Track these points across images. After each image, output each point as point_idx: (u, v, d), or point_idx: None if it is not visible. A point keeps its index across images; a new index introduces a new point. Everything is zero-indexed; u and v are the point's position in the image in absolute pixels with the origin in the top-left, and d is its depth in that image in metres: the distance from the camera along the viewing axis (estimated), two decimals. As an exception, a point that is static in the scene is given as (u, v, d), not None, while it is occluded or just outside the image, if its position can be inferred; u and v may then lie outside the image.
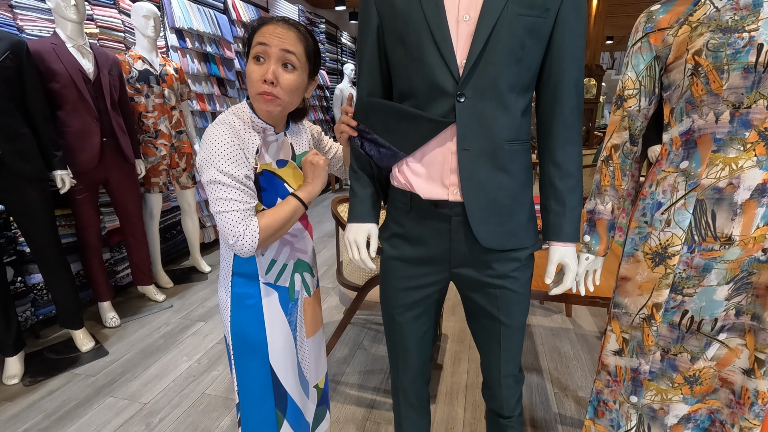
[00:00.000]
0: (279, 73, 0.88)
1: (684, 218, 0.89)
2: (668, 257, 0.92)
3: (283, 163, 1.00)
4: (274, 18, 0.91)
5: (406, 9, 0.83)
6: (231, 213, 0.88)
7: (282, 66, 0.89)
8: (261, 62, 0.88)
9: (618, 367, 1.06)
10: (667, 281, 0.93)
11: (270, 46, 0.87)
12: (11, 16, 2.06)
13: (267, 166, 0.96)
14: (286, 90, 0.90)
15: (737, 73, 0.80)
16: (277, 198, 0.98)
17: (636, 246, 0.98)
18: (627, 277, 1.01)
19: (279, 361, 1.04)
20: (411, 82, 0.86)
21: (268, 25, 0.89)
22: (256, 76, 0.88)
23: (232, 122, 0.91)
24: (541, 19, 0.79)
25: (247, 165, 0.91)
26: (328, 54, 6.08)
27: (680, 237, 0.90)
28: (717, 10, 0.83)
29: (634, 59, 0.96)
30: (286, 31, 0.88)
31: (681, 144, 0.91)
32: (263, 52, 0.87)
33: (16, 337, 1.89)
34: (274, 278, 1.03)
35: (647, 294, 0.96)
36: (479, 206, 0.86)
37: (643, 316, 0.97)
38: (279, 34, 0.87)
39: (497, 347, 0.98)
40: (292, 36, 0.88)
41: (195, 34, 3.32)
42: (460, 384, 1.88)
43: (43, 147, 1.88)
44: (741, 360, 0.91)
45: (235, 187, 0.88)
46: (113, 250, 2.63)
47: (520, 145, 0.86)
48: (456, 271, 0.94)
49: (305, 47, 0.91)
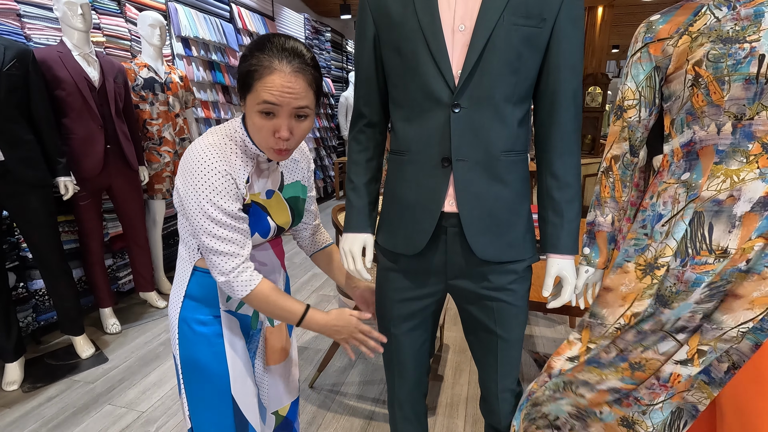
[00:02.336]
0: (293, 126, 0.80)
1: (680, 229, 0.87)
2: (656, 267, 0.90)
3: (270, 193, 0.92)
4: (278, 56, 0.76)
5: (401, 19, 0.82)
6: (227, 258, 0.82)
7: (295, 117, 0.80)
8: (270, 117, 0.78)
9: (562, 370, 1.02)
10: (651, 291, 0.90)
11: (281, 106, 0.77)
12: (19, 25, 2.10)
13: (256, 197, 0.89)
14: (299, 138, 0.83)
15: (738, 84, 0.78)
16: (255, 232, 0.89)
17: (629, 257, 0.95)
18: (610, 288, 0.97)
19: (239, 391, 0.95)
20: (406, 92, 0.85)
21: (274, 74, 0.75)
22: (267, 131, 0.79)
23: (224, 146, 0.82)
24: (537, 29, 0.79)
25: (239, 198, 0.83)
26: (333, 62, 6.12)
27: (672, 248, 0.88)
28: (717, 20, 0.82)
29: (634, 69, 0.94)
30: (295, 82, 0.76)
31: (682, 155, 0.90)
32: (272, 110, 0.77)
33: (17, 342, 1.89)
34: (236, 306, 0.95)
35: (628, 304, 0.94)
36: (475, 217, 0.84)
37: (618, 326, 0.94)
38: (289, 90, 0.76)
39: (494, 361, 0.96)
40: (302, 86, 0.77)
41: (201, 42, 3.36)
42: (460, 396, 1.85)
43: (47, 153, 1.89)
44: (678, 354, 0.90)
45: (231, 226, 0.82)
46: (116, 256, 2.64)
47: (517, 156, 0.85)
48: (452, 283, 0.93)
49: (315, 92, 0.81)
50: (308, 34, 5.29)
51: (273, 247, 1.01)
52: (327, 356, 1.90)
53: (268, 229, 0.92)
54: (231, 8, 3.82)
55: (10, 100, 1.72)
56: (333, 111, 6.15)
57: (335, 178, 5.93)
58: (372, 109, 0.96)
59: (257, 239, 0.92)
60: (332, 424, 1.68)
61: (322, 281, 3.14)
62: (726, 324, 0.84)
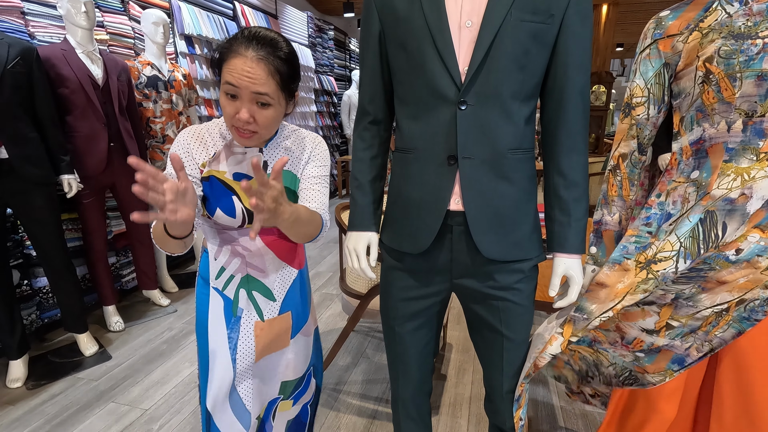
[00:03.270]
0: (254, 110, 0.83)
1: (683, 225, 0.86)
2: (654, 262, 0.87)
3: (243, 177, 0.93)
4: (242, 42, 0.81)
5: (407, 15, 0.81)
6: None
7: (256, 103, 0.83)
8: (233, 99, 0.82)
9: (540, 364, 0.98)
10: (646, 286, 0.87)
11: (240, 88, 0.80)
12: (23, 22, 2.10)
13: (218, 173, 0.92)
14: (263, 125, 0.85)
15: (750, 81, 0.77)
16: (217, 207, 0.92)
17: (628, 254, 0.92)
18: (605, 284, 0.94)
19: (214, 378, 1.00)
20: (412, 89, 0.84)
21: (237, 58, 0.80)
22: (230, 111, 0.83)
23: (205, 124, 0.94)
24: (545, 26, 0.78)
25: (187, 163, 0.90)
26: (336, 60, 6.11)
27: (672, 243, 0.86)
28: (729, 16, 0.80)
29: (643, 66, 0.93)
30: (255, 68, 0.79)
31: (691, 153, 0.88)
32: (233, 91, 0.81)
33: (21, 340, 1.89)
34: (221, 285, 1.01)
35: (619, 298, 0.90)
36: (481, 216, 0.83)
37: (606, 318, 0.90)
38: (248, 74, 0.79)
39: (499, 361, 0.95)
40: (262, 74, 0.80)
41: (204, 40, 3.35)
42: (464, 395, 1.85)
43: (50, 151, 1.89)
44: (646, 322, 0.91)
45: None
46: (119, 254, 2.64)
47: (524, 154, 0.84)
48: (457, 282, 0.92)
49: (278, 82, 0.83)
50: (311, 32, 5.28)
51: (261, 235, 0.98)
52: (330, 355, 1.89)
53: (233, 208, 0.92)
54: (234, 6, 3.81)
55: (13, 98, 1.72)
56: (336, 109, 6.14)
57: (338, 177, 5.92)
58: (377, 106, 0.95)
59: (224, 218, 0.93)
60: (335, 423, 1.67)
61: (325, 280, 3.14)
62: (702, 303, 0.84)
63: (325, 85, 5.62)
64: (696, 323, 0.85)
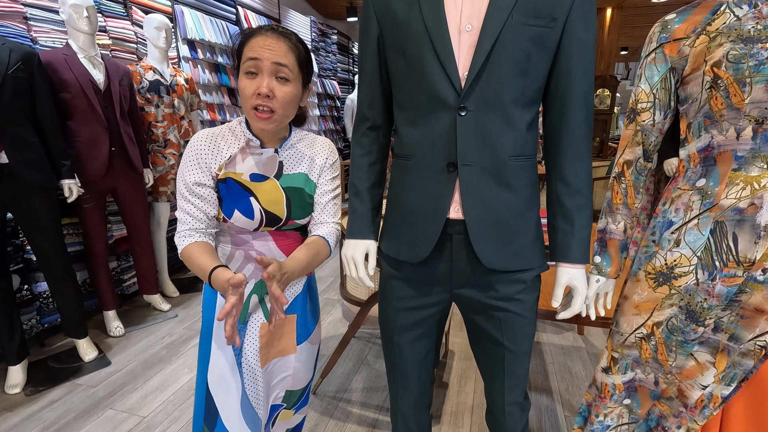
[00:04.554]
0: (273, 86, 0.86)
1: (696, 239, 0.83)
2: (674, 278, 0.86)
3: (259, 177, 0.94)
4: (263, 28, 0.88)
5: (406, 19, 0.80)
6: (180, 222, 0.92)
7: (276, 79, 0.86)
8: (253, 77, 0.85)
9: (604, 384, 1.02)
10: (671, 301, 0.88)
11: (261, 59, 0.84)
12: (25, 27, 2.10)
13: (234, 175, 0.93)
14: (282, 103, 0.87)
15: (761, 86, 0.74)
16: (234, 209, 0.92)
17: (640, 265, 0.94)
18: (626, 296, 0.98)
19: (215, 379, 0.99)
20: (411, 94, 0.83)
21: (257, 36, 0.85)
22: (250, 90, 0.85)
23: (217, 128, 0.95)
24: (547, 29, 0.75)
25: (201, 171, 0.91)
26: (339, 65, 6.12)
27: (689, 258, 0.84)
28: (738, 19, 0.78)
29: (648, 71, 0.91)
30: (276, 42, 0.85)
31: (699, 161, 0.86)
32: (255, 66, 0.85)
33: (20, 345, 1.88)
34: None
35: (646, 314, 0.91)
36: (481, 224, 0.81)
37: (641, 335, 0.93)
38: (269, 46, 0.84)
39: (501, 373, 0.93)
40: (282, 47, 0.86)
41: (206, 44, 3.36)
42: (466, 404, 1.82)
43: (51, 156, 1.89)
44: (705, 377, 0.87)
45: (185, 196, 0.91)
46: (120, 258, 2.63)
47: (526, 161, 0.82)
48: (457, 292, 0.90)
49: (297, 56, 0.88)
50: (314, 36, 5.28)
51: (275, 239, 0.98)
52: (330, 362, 1.87)
53: (251, 210, 0.92)
54: (237, 11, 3.82)
55: (15, 103, 1.71)
56: (339, 113, 6.14)
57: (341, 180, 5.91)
58: (376, 111, 0.93)
59: (242, 220, 0.92)
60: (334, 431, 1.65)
61: (326, 285, 3.12)
62: (745, 338, 0.81)
63: (328, 89, 5.62)
64: (746, 360, 0.81)
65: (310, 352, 1.11)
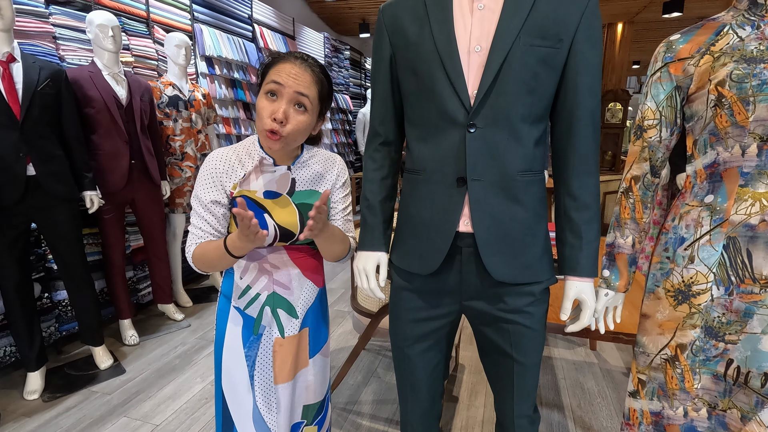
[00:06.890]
0: (290, 113, 0.87)
1: (710, 255, 0.84)
2: (693, 296, 0.87)
3: (273, 194, 0.96)
4: (293, 54, 0.89)
5: (418, 40, 0.83)
6: (191, 235, 0.95)
7: (294, 106, 0.88)
8: (273, 99, 0.87)
9: (632, 410, 1.00)
10: (692, 321, 0.87)
11: (284, 86, 0.86)
12: (54, 46, 2.20)
13: (249, 192, 0.95)
14: (294, 130, 0.88)
15: (764, 105, 0.76)
16: None
17: (657, 282, 0.94)
18: (647, 315, 0.96)
19: (228, 388, 1.03)
20: (422, 112, 0.86)
21: (285, 62, 0.87)
22: (266, 112, 0.87)
23: (231, 148, 0.96)
24: (554, 50, 0.78)
25: (216, 189, 0.93)
26: (352, 79, 6.23)
27: (705, 275, 0.85)
28: (741, 39, 0.80)
29: (654, 89, 0.93)
30: (302, 72, 0.87)
31: (705, 177, 0.87)
32: (276, 90, 0.86)
33: (39, 352, 1.93)
34: (244, 305, 1.01)
35: (669, 334, 0.91)
36: (490, 238, 0.83)
37: (666, 356, 0.91)
38: (295, 75, 0.86)
39: (510, 385, 0.94)
40: (307, 78, 0.88)
41: (223, 61, 3.46)
42: (476, 418, 1.81)
43: (75, 169, 1.96)
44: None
45: (199, 213, 0.94)
46: (136, 268, 2.69)
47: (534, 176, 0.84)
48: (467, 304, 0.91)
49: (319, 90, 0.90)
50: (328, 52, 5.40)
51: (289, 252, 1.01)
52: (340, 373, 1.88)
53: (266, 226, 0.95)
54: (254, 28, 3.94)
55: (43, 118, 1.79)
56: (351, 127, 6.23)
57: (352, 194, 5.97)
58: (388, 128, 0.97)
59: None
60: (344, 444, 1.65)
61: (337, 297, 3.14)
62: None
63: (340, 103, 5.72)
64: None
65: (323, 365, 1.12)
